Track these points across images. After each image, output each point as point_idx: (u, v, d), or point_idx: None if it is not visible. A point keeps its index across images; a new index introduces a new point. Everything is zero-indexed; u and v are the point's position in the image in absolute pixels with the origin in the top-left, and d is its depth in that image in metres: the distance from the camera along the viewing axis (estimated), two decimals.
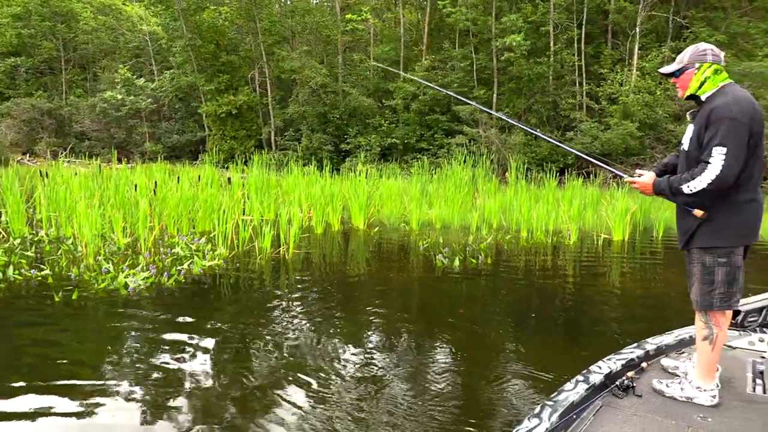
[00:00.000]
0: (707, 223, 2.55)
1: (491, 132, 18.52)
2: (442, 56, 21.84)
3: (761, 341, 3.17)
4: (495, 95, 20.38)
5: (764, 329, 3.32)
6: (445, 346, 4.55)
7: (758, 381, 2.78)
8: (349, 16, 23.38)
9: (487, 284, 6.65)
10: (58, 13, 28.16)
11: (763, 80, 15.00)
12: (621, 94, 17.14)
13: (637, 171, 2.80)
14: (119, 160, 18.93)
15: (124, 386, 3.62)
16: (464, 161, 14.30)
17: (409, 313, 5.56)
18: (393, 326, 5.01)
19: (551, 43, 19.36)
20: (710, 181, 2.41)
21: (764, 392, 2.68)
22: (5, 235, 7.85)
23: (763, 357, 3.06)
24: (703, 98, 2.62)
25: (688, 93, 2.69)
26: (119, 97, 25.18)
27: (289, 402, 3.46)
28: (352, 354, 4.27)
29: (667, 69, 2.75)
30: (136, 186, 10.48)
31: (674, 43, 18.21)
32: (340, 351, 4.33)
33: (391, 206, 11.33)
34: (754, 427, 2.35)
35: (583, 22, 19.24)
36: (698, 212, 2.54)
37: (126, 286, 5.80)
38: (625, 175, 2.86)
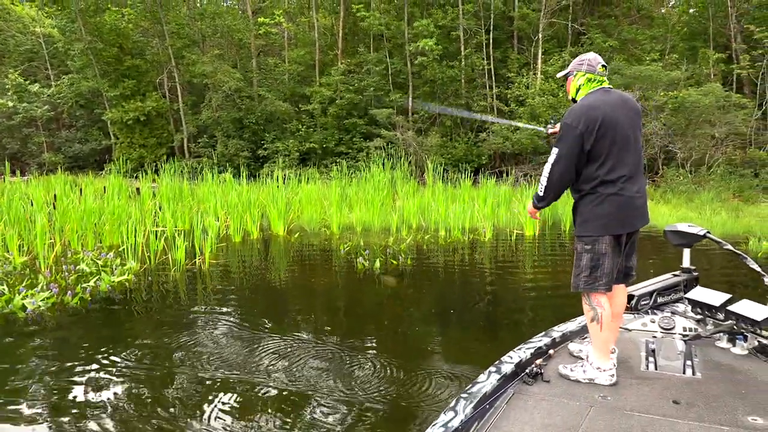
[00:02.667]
0: (579, 213, 2.85)
1: (408, 135, 18.88)
2: (357, 60, 22.00)
3: (653, 322, 3.46)
4: (410, 99, 20.80)
5: (655, 311, 3.62)
6: (368, 346, 4.58)
7: (650, 359, 3.03)
8: (261, 19, 22.96)
9: (408, 284, 6.78)
10: None
11: (651, 82, 16.38)
12: (527, 96, 18.06)
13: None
14: (13, 173, 17.46)
15: (26, 418, 3.34)
16: (383, 164, 14.47)
17: (333, 317, 5.56)
18: (317, 331, 4.98)
19: (462, 48, 20.06)
20: (546, 176, 2.81)
21: (656, 369, 2.93)
22: None
23: (654, 337, 3.34)
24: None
25: (570, 97, 3.02)
26: (10, 104, 23.19)
27: (212, 420, 3.35)
28: (277, 363, 4.20)
29: (559, 74, 3.12)
30: (32, 200, 9.71)
31: (573, 48, 19.46)
32: (265, 361, 4.24)
33: (311, 211, 11.25)
34: (647, 401, 2.57)
35: (491, 28, 20.11)
36: (536, 215, 3.05)
37: (23, 308, 5.36)
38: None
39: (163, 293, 6.26)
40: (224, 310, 5.63)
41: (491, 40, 20.16)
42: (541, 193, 2.84)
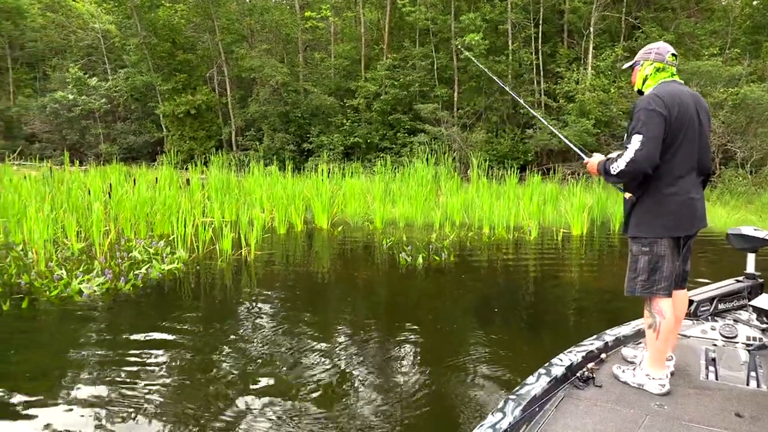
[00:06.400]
0: (635, 213, 2.70)
1: (453, 130, 18.69)
2: (403, 55, 21.92)
3: (713, 329, 3.29)
4: (456, 93, 20.58)
5: (716, 318, 3.44)
6: (411, 343, 4.55)
7: (710, 368, 2.88)
8: (308, 14, 23.17)
9: (450, 281, 6.71)
10: (2, 10, 26.94)
11: (710, 79, 15.64)
12: (577, 92, 17.57)
13: (594, 153, 2.90)
14: (72, 163, 18.24)
15: (81, 397, 3.48)
16: (427, 159, 14.38)
17: (374, 312, 5.55)
18: (358, 325, 4.99)
19: (509, 42, 19.68)
20: (626, 163, 2.56)
21: (716, 378, 2.78)
22: None
23: (714, 345, 3.17)
24: (645, 93, 2.75)
25: (636, 88, 2.88)
26: (71, 97, 24.30)
27: (256, 407, 3.40)
28: (319, 355, 4.23)
29: (625, 65, 2.99)
30: (89, 189, 10.12)
31: (627, 42, 18.79)
32: (307, 352, 4.28)
33: (354, 205, 11.29)
34: (707, 413, 2.44)
35: (540, 22, 19.63)
36: (627, 194, 2.72)
37: (80, 292, 5.59)
38: (584, 156, 2.95)
39: (210, 282, 6.41)
40: (268, 300, 5.72)
41: (540, 34, 19.70)
42: (614, 172, 2.62)
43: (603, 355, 2.98)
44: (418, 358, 4.24)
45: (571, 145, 3.22)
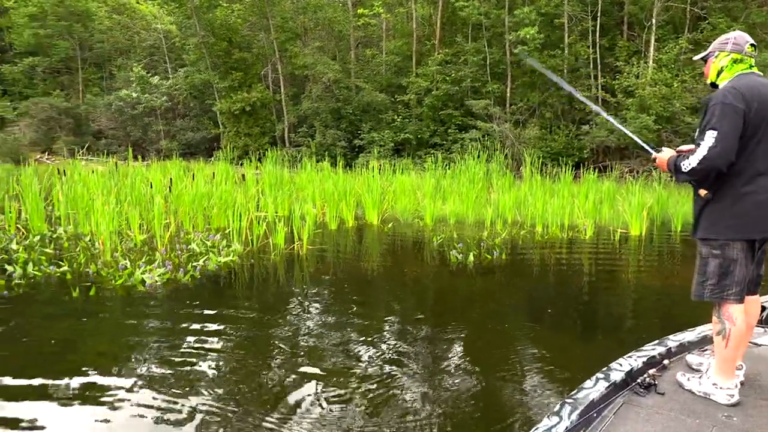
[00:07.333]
0: (707, 213, 2.55)
1: (505, 126, 18.37)
2: (455, 50, 21.70)
3: None
4: (509, 89, 20.21)
5: None
6: (460, 342, 4.52)
7: None
8: (361, 10, 23.31)
9: (502, 280, 6.61)
10: (74, 13, 28.48)
11: None
12: (637, 86, 16.89)
13: (663, 148, 2.76)
14: (135, 158, 19.09)
15: (142, 380, 3.64)
16: (478, 156, 14.20)
17: (424, 309, 5.54)
18: (408, 322, 4.99)
19: (565, 36, 19.13)
20: (699, 160, 2.42)
21: None
22: (25, 232, 7.96)
23: None
24: (720, 87, 2.59)
25: (709, 81, 2.71)
26: (134, 95, 25.44)
27: (305, 398, 3.46)
28: (368, 350, 4.26)
29: (697, 56, 2.82)
30: (151, 183, 10.56)
31: (691, 34, 17.89)
32: (356, 347, 4.32)
33: (404, 202, 11.29)
34: None
35: (598, 14, 18.98)
36: (702, 191, 2.57)
37: (143, 282, 5.85)
38: (652, 151, 2.81)
39: (263, 275, 6.57)
40: (319, 294, 5.80)
41: (598, 27, 19.04)
42: (685, 170, 2.48)
43: (666, 362, 2.85)
44: (468, 357, 4.20)
45: (639, 141, 3.06)
